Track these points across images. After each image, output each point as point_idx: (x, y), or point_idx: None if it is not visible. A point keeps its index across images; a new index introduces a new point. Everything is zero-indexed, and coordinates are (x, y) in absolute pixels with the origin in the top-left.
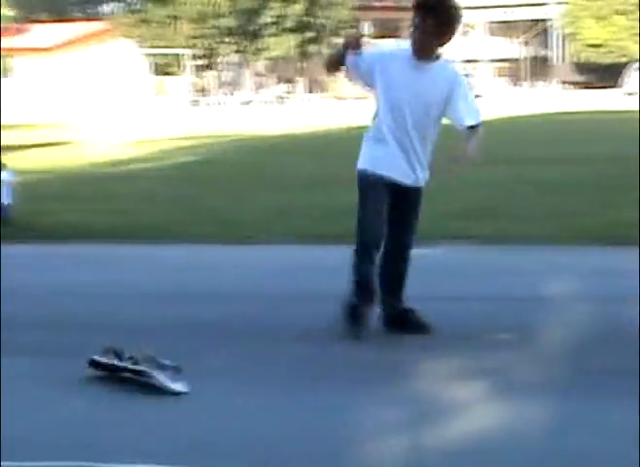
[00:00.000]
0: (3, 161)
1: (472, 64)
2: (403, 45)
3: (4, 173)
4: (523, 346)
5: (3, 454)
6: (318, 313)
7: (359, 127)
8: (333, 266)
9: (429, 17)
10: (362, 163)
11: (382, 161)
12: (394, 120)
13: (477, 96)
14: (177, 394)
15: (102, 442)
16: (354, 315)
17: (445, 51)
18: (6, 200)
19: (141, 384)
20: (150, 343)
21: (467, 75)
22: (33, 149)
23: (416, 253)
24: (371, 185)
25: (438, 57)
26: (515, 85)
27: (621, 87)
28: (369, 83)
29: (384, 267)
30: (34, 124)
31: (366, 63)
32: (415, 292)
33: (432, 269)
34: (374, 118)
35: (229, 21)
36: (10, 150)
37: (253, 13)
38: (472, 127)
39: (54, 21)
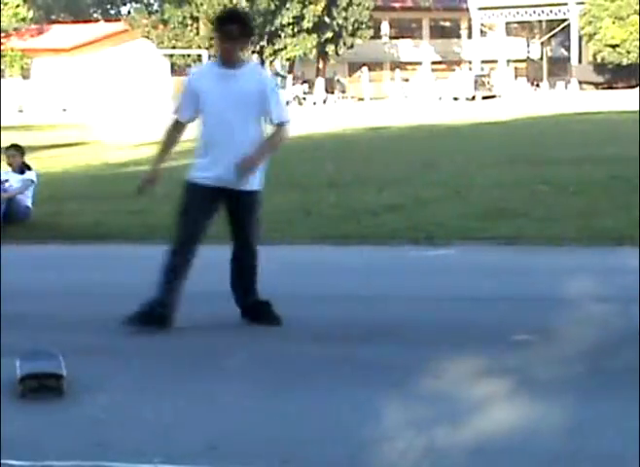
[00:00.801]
0: (28, 163)
1: (490, 65)
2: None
3: (29, 173)
4: (541, 346)
5: (3, 454)
6: (335, 314)
7: (378, 128)
8: (352, 266)
9: (227, 26)
10: (190, 175)
11: (209, 170)
12: (216, 128)
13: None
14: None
15: (115, 441)
16: (153, 313)
17: (461, 51)
18: (29, 202)
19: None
20: (166, 343)
21: (278, 77)
22: (52, 149)
23: (434, 253)
24: (194, 194)
25: (243, 61)
26: (534, 85)
27: None
28: (197, 108)
29: (233, 264)
30: (53, 124)
31: (190, 97)
32: (433, 292)
33: (450, 269)
34: (198, 133)
35: None
36: (29, 151)
37: (271, 13)
38: (280, 124)
39: (74, 22)
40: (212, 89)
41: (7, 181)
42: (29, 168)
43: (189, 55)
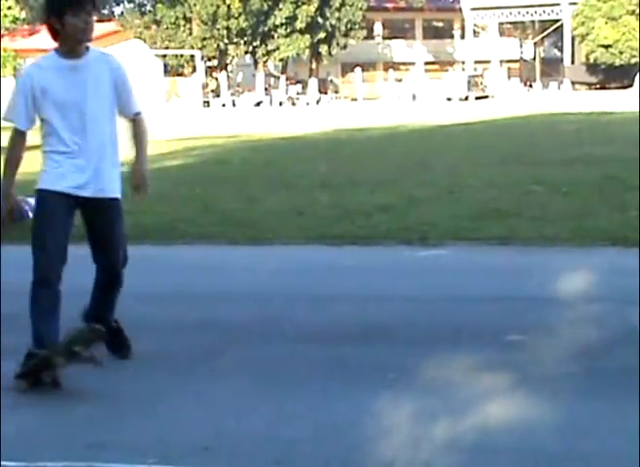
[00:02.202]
0: None
1: (483, 65)
2: (45, 57)
3: None
4: (535, 346)
5: (3, 454)
6: (331, 314)
7: (371, 128)
8: (346, 266)
9: (62, 14)
10: (41, 183)
11: (64, 176)
12: (68, 128)
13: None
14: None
15: (109, 442)
16: (39, 367)
17: (454, 52)
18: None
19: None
20: (161, 344)
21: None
22: None
23: (427, 254)
24: (51, 207)
25: (87, 48)
26: (527, 85)
27: (633, 87)
28: (41, 110)
29: (95, 290)
30: None
31: (26, 103)
32: (426, 293)
33: (443, 269)
34: (45, 136)
35: (240, 23)
36: None
37: (264, 14)
38: (136, 116)
39: None
40: (60, 81)
41: None
42: None
43: (182, 56)
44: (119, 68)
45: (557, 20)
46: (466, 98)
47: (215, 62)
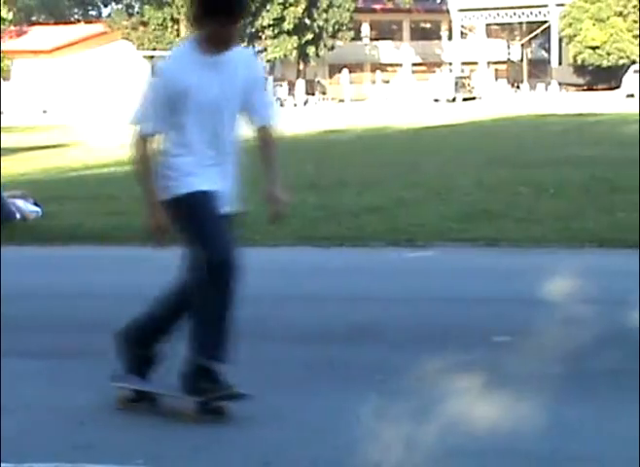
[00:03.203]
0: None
1: (471, 66)
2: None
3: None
4: (522, 348)
5: (3, 454)
6: (319, 315)
7: (358, 129)
8: (334, 267)
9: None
10: (180, 189)
11: (202, 183)
12: (205, 132)
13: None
14: None
15: (98, 443)
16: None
17: (442, 53)
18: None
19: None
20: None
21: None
22: (33, 151)
23: (415, 255)
24: (208, 204)
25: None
26: (515, 87)
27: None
28: (177, 112)
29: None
30: (34, 126)
31: (160, 104)
32: (413, 294)
33: (430, 270)
34: (175, 141)
35: None
36: (10, 152)
37: (251, 15)
38: (269, 125)
39: (54, 24)
40: (202, 83)
41: None
42: None
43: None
44: (255, 66)
45: (545, 22)
46: (453, 100)
47: None
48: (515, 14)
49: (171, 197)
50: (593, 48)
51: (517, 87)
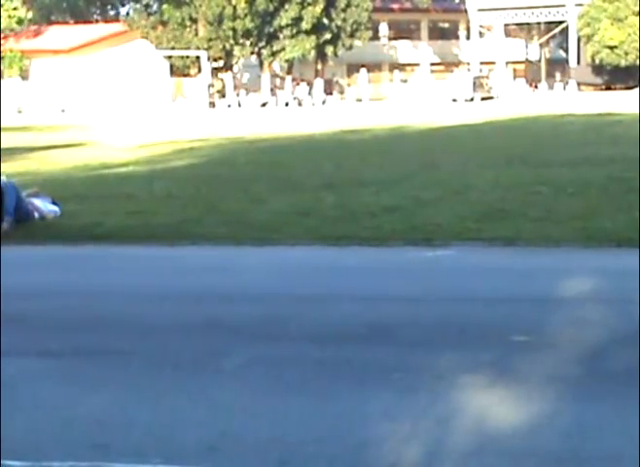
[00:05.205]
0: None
1: (489, 66)
2: None
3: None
4: (540, 347)
5: (3, 454)
6: (336, 315)
7: (376, 129)
8: (351, 267)
9: None
10: None
11: None
12: None
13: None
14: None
15: (115, 442)
16: None
17: (460, 53)
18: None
19: None
20: (167, 344)
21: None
22: (51, 150)
23: (433, 254)
24: None
25: None
26: (533, 86)
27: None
28: None
29: None
30: (52, 125)
31: None
32: (431, 293)
33: (448, 270)
34: None
35: (246, 23)
36: (29, 151)
37: (269, 15)
38: None
39: (73, 23)
40: None
41: None
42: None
43: (187, 57)
44: None
45: (563, 22)
46: (471, 99)
47: (221, 63)
48: (533, 13)
49: None
50: (611, 47)
51: (536, 86)
